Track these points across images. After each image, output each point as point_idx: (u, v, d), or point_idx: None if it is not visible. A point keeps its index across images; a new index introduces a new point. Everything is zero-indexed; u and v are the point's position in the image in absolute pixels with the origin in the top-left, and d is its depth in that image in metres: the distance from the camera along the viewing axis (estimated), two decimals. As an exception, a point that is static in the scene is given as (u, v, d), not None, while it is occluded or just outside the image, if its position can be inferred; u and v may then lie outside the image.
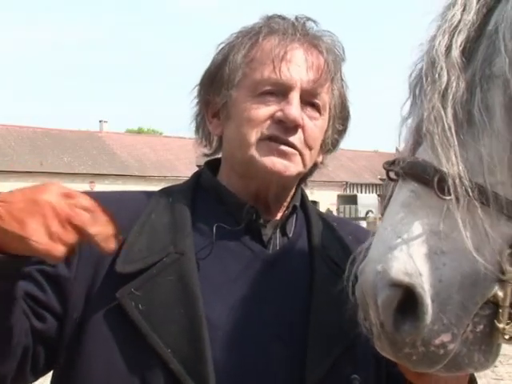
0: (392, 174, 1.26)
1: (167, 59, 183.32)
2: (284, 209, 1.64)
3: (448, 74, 1.21)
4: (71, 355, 1.48)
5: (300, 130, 1.54)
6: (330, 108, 1.62)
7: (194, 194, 1.61)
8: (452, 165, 1.15)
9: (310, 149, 1.57)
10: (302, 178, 1.68)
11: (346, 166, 51.28)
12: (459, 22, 1.23)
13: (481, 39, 1.23)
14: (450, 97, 1.19)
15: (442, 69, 1.21)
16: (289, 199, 1.65)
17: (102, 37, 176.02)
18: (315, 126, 1.57)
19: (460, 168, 1.15)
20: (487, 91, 1.19)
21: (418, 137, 1.28)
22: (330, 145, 1.67)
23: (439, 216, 1.16)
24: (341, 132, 1.68)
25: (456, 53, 1.22)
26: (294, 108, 1.52)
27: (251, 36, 1.59)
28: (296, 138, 1.54)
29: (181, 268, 1.47)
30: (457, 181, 1.14)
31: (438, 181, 1.16)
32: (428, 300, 1.14)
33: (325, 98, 1.59)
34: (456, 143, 1.17)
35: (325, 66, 1.57)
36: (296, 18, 1.62)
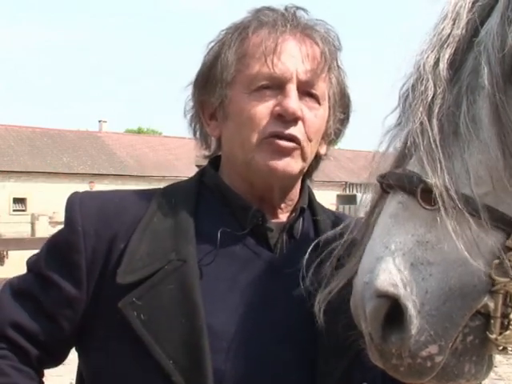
0: (385, 186, 1.26)
1: (167, 59, 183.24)
2: (290, 209, 1.60)
3: (435, 86, 1.21)
4: (82, 366, 1.56)
5: (300, 122, 1.50)
6: (329, 97, 1.58)
7: (197, 195, 1.58)
8: (437, 176, 1.16)
9: (311, 141, 1.54)
10: (307, 173, 1.64)
11: (346, 166, 51.27)
12: (448, 35, 1.24)
13: (469, 51, 1.24)
14: (436, 109, 1.20)
15: (428, 82, 1.22)
16: (295, 198, 1.61)
17: (102, 36, 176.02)
18: (315, 116, 1.53)
19: (446, 179, 1.15)
20: (473, 103, 1.20)
21: (406, 148, 1.28)
22: (332, 135, 1.63)
23: (426, 227, 1.16)
24: (343, 121, 1.64)
25: (443, 66, 1.22)
26: (291, 100, 1.48)
27: (241, 31, 1.55)
28: (297, 131, 1.50)
29: (182, 276, 1.44)
30: (442, 192, 1.14)
31: (423, 191, 1.16)
32: (413, 311, 1.13)
33: (322, 88, 1.55)
34: (441, 155, 1.17)
35: (320, 55, 1.53)
36: (285, 9, 1.58)
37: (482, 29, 1.23)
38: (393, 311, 1.15)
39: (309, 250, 1.44)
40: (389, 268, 1.15)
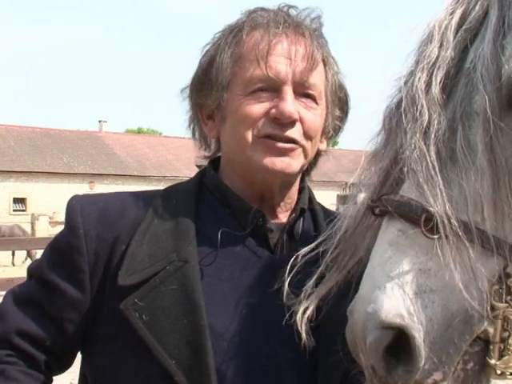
0: (377, 211, 1.25)
1: (167, 59, 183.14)
2: (290, 209, 1.60)
3: (429, 111, 1.20)
4: (86, 368, 1.58)
5: (298, 123, 1.50)
6: (326, 95, 1.57)
7: (197, 196, 1.57)
8: (439, 204, 1.15)
9: (311, 139, 1.53)
10: (306, 171, 1.63)
11: (346, 167, 51.19)
12: (437, 58, 1.23)
13: (459, 76, 1.23)
14: (432, 135, 1.19)
15: (422, 106, 1.21)
16: (294, 197, 1.61)
17: (102, 37, 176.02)
18: (314, 115, 1.52)
19: (447, 207, 1.15)
20: (468, 129, 1.19)
21: (393, 170, 1.28)
22: (331, 131, 1.62)
23: (427, 254, 1.16)
24: (341, 118, 1.63)
25: (436, 90, 1.21)
26: (287, 104, 1.47)
27: (235, 33, 1.54)
28: (295, 132, 1.49)
29: (184, 276, 1.44)
30: (444, 220, 1.14)
31: (426, 220, 1.15)
32: (421, 341, 1.12)
33: (319, 87, 1.54)
34: (441, 181, 1.16)
35: (314, 53, 1.52)
36: (278, 8, 1.57)
37: (469, 53, 1.23)
38: (397, 342, 1.13)
39: (290, 263, 1.41)
40: (393, 298, 1.13)
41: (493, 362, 1.16)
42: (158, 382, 1.41)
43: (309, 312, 1.34)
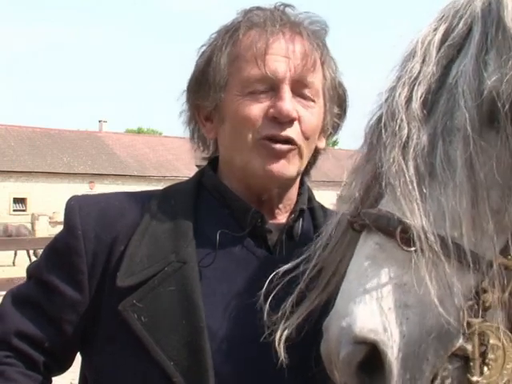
0: (356, 226, 1.24)
1: (167, 59, 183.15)
2: (290, 209, 1.59)
3: (408, 126, 1.20)
4: (85, 368, 1.58)
5: (296, 123, 1.49)
6: (323, 93, 1.56)
7: (196, 196, 1.57)
8: (415, 218, 1.14)
9: (308, 139, 1.52)
10: (305, 170, 1.62)
11: (346, 167, 51.04)
12: (419, 73, 1.23)
13: (441, 91, 1.23)
14: (411, 149, 1.19)
15: (402, 121, 1.20)
16: (294, 198, 1.60)
17: (102, 37, 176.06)
18: (311, 114, 1.52)
19: (423, 221, 1.14)
20: (449, 144, 1.19)
21: (374, 186, 1.27)
22: (330, 129, 1.61)
23: (404, 268, 1.15)
24: (340, 115, 1.63)
25: (416, 105, 1.21)
26: (286, 102, 1.47)
27: (231, 34, 1.53)
28: (293, 131, 1.49)
29: (182, 277, 1.44)
30: (421, 234, 1.13)
31: (402, 233, 1.14)
32: (393, 358, 1.11)
33: (317, 85, 1.53)
34: (418, 196, 1.16)
35: (312, 52, 1.51)
36: (275, 7, 1.56)
37: (452, 69, 1.22)
38: (370, 357, 1.12)
39: (268, 280, 1.39)
40: (367, 312, 1.12)
41: (475, 378, 1.15)
42: (156, 383, 1.41)
43: (287, 332, 1.33)
